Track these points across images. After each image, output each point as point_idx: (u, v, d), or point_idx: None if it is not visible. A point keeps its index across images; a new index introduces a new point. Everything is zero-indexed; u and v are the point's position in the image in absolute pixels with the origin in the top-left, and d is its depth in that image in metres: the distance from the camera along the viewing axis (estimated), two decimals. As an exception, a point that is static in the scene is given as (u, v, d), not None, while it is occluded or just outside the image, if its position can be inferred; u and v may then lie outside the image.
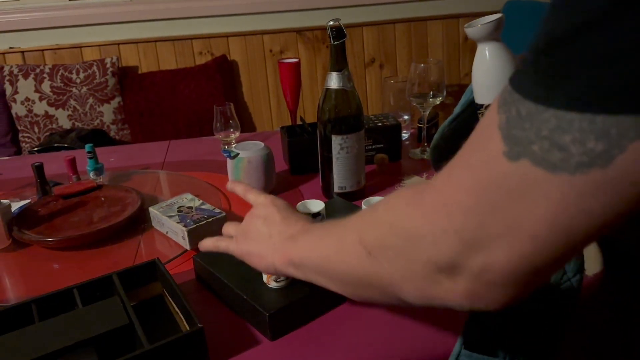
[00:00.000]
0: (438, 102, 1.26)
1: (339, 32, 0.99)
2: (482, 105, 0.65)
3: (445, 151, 0.71)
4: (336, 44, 1.00)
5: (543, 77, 0.30)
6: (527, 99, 0.31)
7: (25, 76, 2.37)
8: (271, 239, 0.65)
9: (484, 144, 0.34)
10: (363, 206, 0.87)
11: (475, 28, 0.63)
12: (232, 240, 0.73)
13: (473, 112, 0.67)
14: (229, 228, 0.77)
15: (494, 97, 0.64)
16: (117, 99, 2.42)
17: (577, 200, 0.30)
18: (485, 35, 0.62)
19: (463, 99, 0.69)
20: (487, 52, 0.63)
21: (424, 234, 0.37)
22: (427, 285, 0.38)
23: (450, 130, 0.70)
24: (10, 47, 2.51)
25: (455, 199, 0.35)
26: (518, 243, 0.32)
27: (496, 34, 0.62)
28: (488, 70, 0.64)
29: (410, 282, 0.40)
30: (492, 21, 0.62)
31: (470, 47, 2.70)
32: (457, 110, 0.69)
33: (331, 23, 0.99)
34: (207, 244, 0.77)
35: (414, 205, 0.39)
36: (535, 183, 0.31)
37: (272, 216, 0.68)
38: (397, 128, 1.28)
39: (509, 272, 0.34)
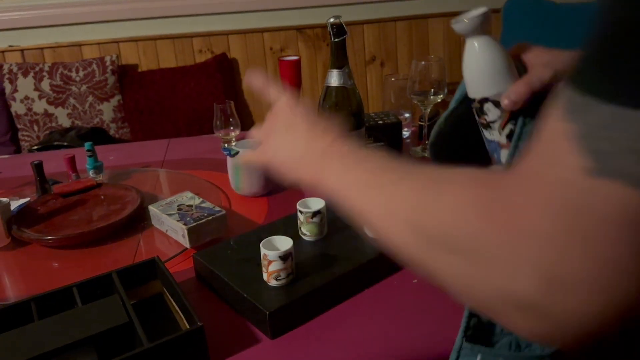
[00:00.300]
0: (439, 100, 1.26)
1: (339, 29, 0.98)
2: (474, 100, 0.65)
3: (443, 147, 0.69)
4: (337, 41, 0.99)
5: (629, 72, 0.26)
6: (608, 102, 0.27)
7: (25, 74, 2.37)
8: (296, 151, 0.57)
9: (558, 156, 0.29)
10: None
11: (462, 23, 0.62)
12: (259, 149, 0.65)
13: (468, 107, 0.66)
14: (255, 132, 0.67)
15: (486, 91, 0.64)
16: (117, 97, 2.41)
17: None
18: (472, 30, 0.62)
19: (457, 94, 0.68)
20: (476, 46, 0.63)
21: (499, 258, 0.31)
22: (489, 309, 0.34)
23: (447, 126, 0.69)
24: (10, 45, 2.51)
25: (537, 223, 0.30)
26: (611, 283, 0.28)
27: (483, 27, 0.61)
28: (478, 64, 0.64)
29: (468, 294, 0.35)
30: (478, 15, 0.62)
31: (470, 45, 2.70)
32: (452, 105, 0.69)
33: (332, 20, 0.98)
34: (248, 156, 0.68)
35: (492, 217, 0.32)
36: (630, 206, 0.26)
37: (295, 125, 0.60)
38: (398, 126, 1.28)
39: (594, 318, 0.29)
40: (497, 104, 0.62)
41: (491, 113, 0.62)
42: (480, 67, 0.63)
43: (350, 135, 0.57)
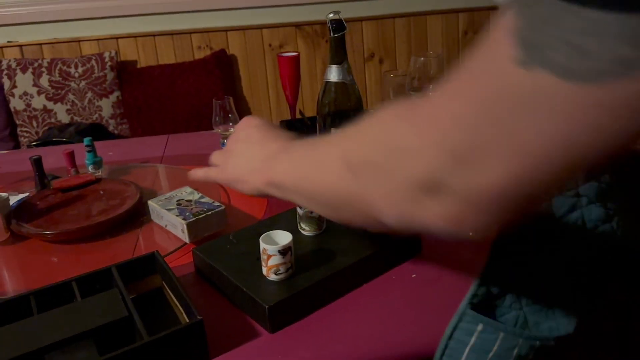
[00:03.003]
0: (438, 96, 1.26)
1: (338, 24, 0.98)
2: None
3: None
4: (336, 36, 0.99)
5: None
6: None
7: (24, 70, 2.36)
8: (251, 161, 0.61)
9: (492, 51, 0.30)
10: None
11: None
12: (219, 170, 0.69)
13: None
14: (215, 157, 0.73)
15: None
16: (116, 94, 2.41)
17: (590, 114, 0.27)
18: None
19: None
20: None
21: (410, 147, 0.33)
22: (408, 205, 0.35)
23: None
24: (9, 41, 2.50)
25: (451, 109, 0.31)
26: (514, 160, 0.29)
27: None
28: None
29: (390, 202, 0.36)
30: None
31: (469, 42, 2.70)
32: None
33: (331, 15, 0.98)
34: (198, 174, 0.74)
35: (404, 118, 0.35)
36: (547, 93, 0.27)
37: (250, 137, 0.64)
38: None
39: (499, 193, 0.30)
40: None
41: None
42: None
43: (300, 137, 0.60)
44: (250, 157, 0.62)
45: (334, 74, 1.02)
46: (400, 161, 0.34)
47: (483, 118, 0.30)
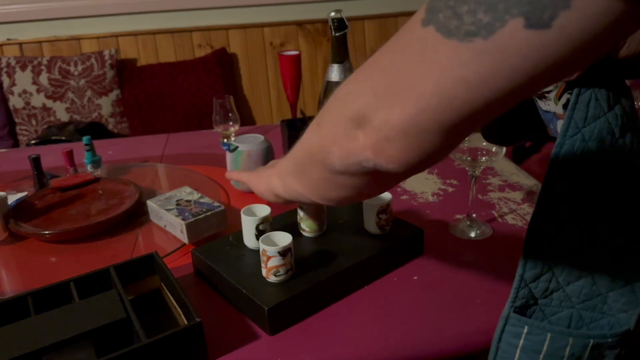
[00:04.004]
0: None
1: (340, 23, 0.98)
2: None
3: (495, 121, 0.69)
4: (337, 35, 0.99)
5: None
6: None
7: (23, 68, 2.35)
8: (267, 168, 0.66)
9: (416, 15, 0.37)
10: (364, 201, 0.86)
11: None
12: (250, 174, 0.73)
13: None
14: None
15: None
16: (116, 92, 2.40)
17: (459, 68, 0.32)
18: None
19: None
20: None
21: (350, 91, 0.40)
22: (346, 141, 0.41)
23: None
24: (8, 39, 2.50)
25: (379, 59, 0.39)
26: (409, 102, 0.36)
27: None
28: None
29: (335, 141, 0.42)
30: None
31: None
32: None
33: (333, 14, 0.98)
34: (232, 175, 0.78)
35: (355, 73, 0.42)
36: (432, 47, 0.33)
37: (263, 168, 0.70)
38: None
39: (401, 128, 0.37)
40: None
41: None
42: None
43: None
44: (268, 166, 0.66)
45: (335, 73, 1.02)
46: (343, 103, 0.41)
47: (395, 66, 0.36)
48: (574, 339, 0.52)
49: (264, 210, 0.84)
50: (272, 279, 0.75)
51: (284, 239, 0.76)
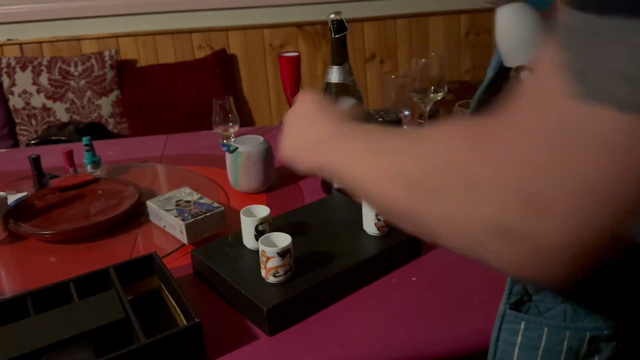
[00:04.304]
0: (439, 98, 1.25)
1: (340, 25, 0.98)
2: (511, 68, 0.64)
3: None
4: (337, 37, 0.99)
5: None
6: (609, 16, 0.25)
7: (23, 68, 2.36)
8: (301, 139, 0.60)
9: (545, 86, 0.29)
10: (363, 202, 0.86)
11: None
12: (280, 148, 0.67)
13: (507, 75, 0.65)
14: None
15: (522, 59, 0.62)
16: (116, 92, 2.41)
17: None
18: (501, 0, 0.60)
19: (493, 61, 0.67)
20: (505, 15, 0.62)
21: (480, 184, 0.32)
22: (471, 242, 0.33)
23: (486, 96, 0.68)
24: (8, 39, 2.50)
25: (520, 150, 0.30)
26: (587, 202, 0.27)
27: None
28: (510, 34, 0.63)
29: (452, 232, 0.35)
30: None
31: (471, 43, 2.69)
32: (490, 73, 0.67)
33: (332, 16, 0.98)
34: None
35: (478, 149, 0.33)
36: (608, 127, 0.26)
37: (302, 115, 0.63)
38: (398, 123, 1.28)
39: (574, 240, 0.29)
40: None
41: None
42: (512, 37, 0.62)
43: (356, 124, 0.57)
44: (299, 135, 0.61)
45: (335, 75, 1.02)
46: (468, 196, 0.32)
47: (554, 160, 0.28)
48: (571, 332, 0.52)
49: (263, 211, 0.84)
50: (271, 279, 0.75)
51: (283, 239, 0.76)
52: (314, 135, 0.58)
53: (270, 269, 0.74)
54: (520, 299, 0.55)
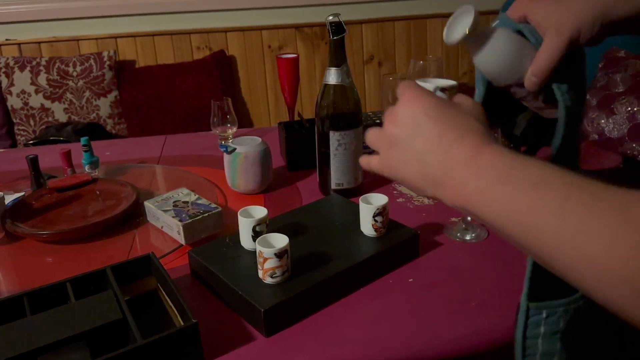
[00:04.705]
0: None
1: (338, 27, 0.98)
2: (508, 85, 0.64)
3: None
4: (335, 39, 0.99)
5: None
6: None
7: (22, 68, 2.35)
8: (427, 166, 0.48)
9: None
10: (360, 203, 0.86)
11: (455, 34, 0.61)
12: (379, 160, 0.55)
13: (496, 93, 0.65)
14: (373, 138, 0.56)
15: (507, 80, 0.62)
16: (114, 93, 2.41)
17: None
18: (467, 36, 0.60)
19: (479, 76, 0.67)
20: (480, 46, 0.61)
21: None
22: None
23: (489, 107, 0.68)
24: (7, 39, 2.50)
25: None
26: None
27: (475, 24, 0.59)
28: (488, 61, 0.62)
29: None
30: (466, 21, 0.60)
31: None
32: (481, 89, 0.67)
33: (330, 18, 0.98)
34: (363, 161, 0.59)
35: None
36: None
37: (423, 126, 0.49)
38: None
39: None
40: (521, 84, 0.61)
41: (519, 92, 0.62)
42: (491, 63, 0.62)
43: (490, 136, 0.48)
44: (421, 157, 0.49)
45: (333, 77, 1.02)
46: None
47: None
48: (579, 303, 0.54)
49: (260, 212, 0.84)
50: (268, 280, 0.75)
51: (280, 240, 0.76)
52: (442, 159, 0.47)
53: (267, 269, 0.74)
54: (541, 291, 0.56)
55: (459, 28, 0.60)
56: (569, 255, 0.37)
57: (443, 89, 0.61)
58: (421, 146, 0.49)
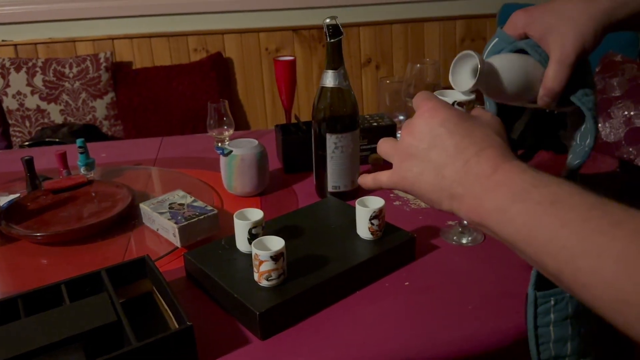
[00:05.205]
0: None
1: (335, 29, 0.98)
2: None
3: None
4: (332, 41, 0.99)
5: None
6: None
7: (18, 69, 2.35)
8: (444, 179, 0.48)
9: None
10: (357, 206, 0.86)
11: (463, 88, 0.61)
12: (392, 172, 0.54)
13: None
14: (386, 148, 0.56)
15: (519, 103, 0.63)
16: (110, 95, 2.40)
17: None
18: (474, 85, 0.60)
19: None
20: (486, 86, 0.62)
21: None
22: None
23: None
24: (3, 40, 2.49)
25: None
26: None
27: (482, 75, 0.59)
28: (498, 95, 0.63)
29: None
30: (472, 69, 0.60)
31: (466, 49, 2.70)
32: (492, 108, 0.68)
33: (328, 21, 0.98)
34: (368, 181, 0.59)
35: None
36: None
37: (440, 141, 0.48)
38: (392, 128, 1.28)
39: None
40: (534, 101, 0.62)
41: (530, 105, 0.64)
42: (501, 95, 0.62)
43: (509, 150, 0.47)
44: (438, 170, 0.48)
45: (330, 79, 1.02)
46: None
47: None
48: None
49: (256, 215, 0.84)
50: (264, 283, 0.75)
51: (276, 243, 0.76)
52: (467, 174, 0.46)
53: (263, 272, 0.74)
54: (547, 281, 0.58)
55: (463, 75, 0.60)
56: (586, 276, 0.37)
57: (460, 104, 0.60)
58: (438, 159, 0.48)
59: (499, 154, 0.47)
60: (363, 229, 0.86)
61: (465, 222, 0.94)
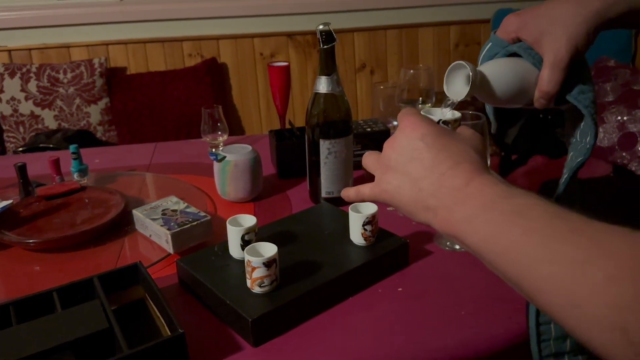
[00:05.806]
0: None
1: (328, 36, 0.98)
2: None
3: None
4: (325, 48, 0.99)
5: None
6: None
7: (12, 75, 2.34)
8: (418, 190, 0.49)
9: None
10: (350, 212, 0.86)
11: (458, 97, 0.61)
12: (374, 185, 0.56)
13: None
14: (370, 162, 0.58)
15: (515, 106, 0.64)
16: (105, 100, 2.40)
17: None
18: (469, 92, 0.60)
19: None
20: (480, 95, 0.62)
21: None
22: (600, 343, 0.34)
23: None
24: (-3, 46, 2.49)
25: None
26: None
27: (476, 83, 0.60)
28: (494, 102, 0.64)
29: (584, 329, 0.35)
30: (465, 77, 0.61)
31: (461, 54, 2.72)
32: (492, 119, 0.69)
33: (321, 27, 0.98)
34: (350, 194, 0.61)
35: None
36: None
37: (419, 155, 0.50)
38: (386, 134, 1.28)
39: None
40: (531, 103, 0.62)
41: (527, 107, 0.64)
42: (497, 100, 0.63)
43: (485, 166, 0.49)
44: (415, 182, 0.50)
45: (323, 85, 1.02)
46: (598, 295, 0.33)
47: None
48: None
49: (249, 221, 0.84)
50: (256, 290, 0.75)
51: (269, 249, 0.76)
52: (435, 187, 0.48)
53: (255, 279, 0.74)
54: None
55: (457, 84, 0.61)
56: (543, 281, 0.38)
57: (446, 122, 0.61)
58: (416, 172, 0.50)
59: (473, 168, 0.48)
60: (356, 235, 0.86)
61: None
